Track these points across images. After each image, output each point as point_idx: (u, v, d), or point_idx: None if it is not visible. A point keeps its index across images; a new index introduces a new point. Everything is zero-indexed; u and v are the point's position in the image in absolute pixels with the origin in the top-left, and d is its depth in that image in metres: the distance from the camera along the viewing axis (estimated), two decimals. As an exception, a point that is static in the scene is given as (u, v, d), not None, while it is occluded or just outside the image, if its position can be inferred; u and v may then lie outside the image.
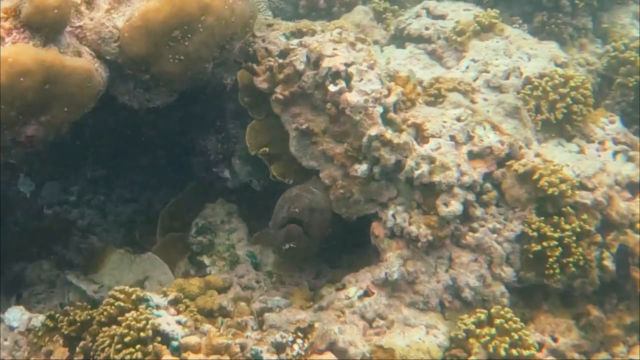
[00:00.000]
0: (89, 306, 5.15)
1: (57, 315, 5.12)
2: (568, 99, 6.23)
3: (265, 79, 6.02)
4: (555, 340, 5.55)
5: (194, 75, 5.57)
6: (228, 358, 4.75)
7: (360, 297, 5.53)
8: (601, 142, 6.42)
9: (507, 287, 5.57)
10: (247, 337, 5.16)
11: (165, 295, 5.24)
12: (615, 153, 6.35)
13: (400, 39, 7.33)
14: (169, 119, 6.81)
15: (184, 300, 5.26)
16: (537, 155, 5.84)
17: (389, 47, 7.28)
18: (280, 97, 5.88)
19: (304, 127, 5.84)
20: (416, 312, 5.50)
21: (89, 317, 4.99)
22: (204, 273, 6.49)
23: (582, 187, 5.75)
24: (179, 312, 5.16)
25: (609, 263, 5.64)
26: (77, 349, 4.91)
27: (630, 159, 6.31)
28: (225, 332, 5.18)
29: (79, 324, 5.01)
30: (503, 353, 5.05)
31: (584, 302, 5.74)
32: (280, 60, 5.97)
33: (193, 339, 4.77)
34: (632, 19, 8.01)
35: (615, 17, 8.06)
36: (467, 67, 6.71)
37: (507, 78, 6.52)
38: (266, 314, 5.45)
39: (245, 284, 6.09)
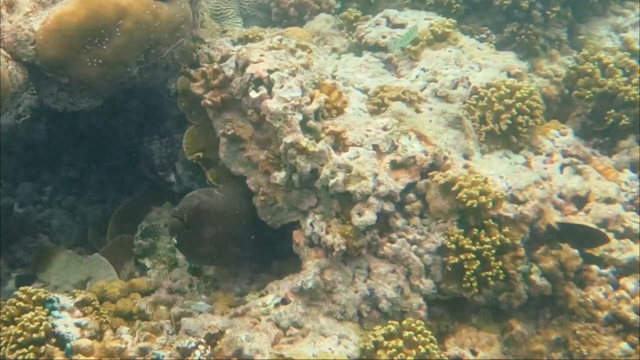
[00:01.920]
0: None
1: (-26, 315, 5.18)
2: (513, 110, 6.12)
3: (201, 84, 6.04)
4: (474, 354, 5.46)
5: (115, 79, 5.61)
6: (120, 361, 4.78)
7: (276, 305, 5.50)
8: (549, 155, 6.31)
9: (428, 299, 5.48)
10: (158, 341, 5.17)
11: (74, 296, 5.26)
12: (562, 166, 6.24)
13: (359, 47, 7.26)
14: (117, 122, 6.91)
15: (92, 302, 5.27)
16: (466, 166, 5.73)
17: (347, 55, 7.22)
18: (209, 102, 5.91)
19: (229, 132, 5.85)
20: (333, 322, 5.44)
21: (0, 318, 5.05)
22: (146, 276, 6.53)
23: (514, 199, 5.63)
24: (85, 314, 5.18)
25: (536, 277, 5.55)
26: (-13, 349, 4.98)
27: (578, 172, 6.19)
28: (139, 336, 5.22)
29: (-9, 324, 5.07)
30: (408, 366, 4.97)
31: (512, 317, 5.64)
32: (215, 66, 5.98)
33: (84, 342, 4.82)
34: (610, 31, 7.85)
35: (592, 28, 7.91)
36: (417, 76, 6.62)
37: (454, 88, 6.42)
38: (183, 319, 5.46)
39: (176, 287, 6.11)
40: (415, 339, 5.11)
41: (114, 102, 6.44)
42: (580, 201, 6.03)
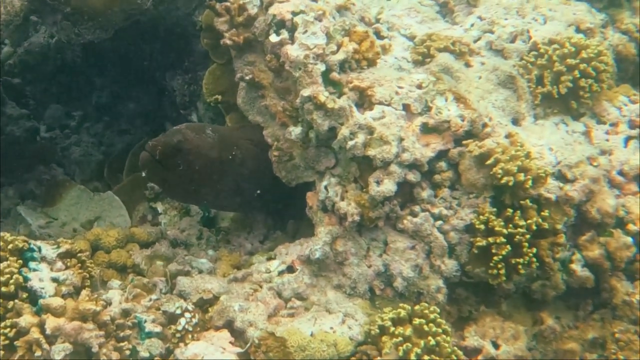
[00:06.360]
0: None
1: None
2: (576, 72, 5.38)
3: (226, 20, 5.45)
4: (496, 347, 4.87)
5: (126, 10, 5.09)
6: (92, 326, 4.32)
7: (281, 273, 5.01)
8: (614, 124, 5.57)
9: (449, 282, 4.90)
10: (143, 303, 4.73)
11: (58, 247, 4.80)
12: (628, 138, 5.50)
13: (412, -13, 6.53)
14: (144, 54, 6.43)
15: (78, 255, 4.80)
16: (509, 135, 5.04)
17: (399, -4, 6.50)
18: (229, 42, 5.33)
19: (248, 77, 5.28)
20: (342, 297, 4.92)
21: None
22: (157, 221, 6.08)
23: (561, 176, 4.99)
24: (67, 267, 4.72)
25: (577, 267, 4.94)
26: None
27: (645, 147, 5.45)
28: (128, 293, 4.78)
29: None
30: (413, 358, 4.39)
31: (546, 308, 5.03)
32: (241, 2, 5.37)
33: (56, 301, 4.35)
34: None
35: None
36: (472, 25, 5.93)
37: (512, 41, 5.74)
38: (179, 278, 5.00)
39: (182, 239, 5.66)
40: (425, 328, 4.53)
41: (138, 32, 5.93)
42: (643, 180, 5.29)
